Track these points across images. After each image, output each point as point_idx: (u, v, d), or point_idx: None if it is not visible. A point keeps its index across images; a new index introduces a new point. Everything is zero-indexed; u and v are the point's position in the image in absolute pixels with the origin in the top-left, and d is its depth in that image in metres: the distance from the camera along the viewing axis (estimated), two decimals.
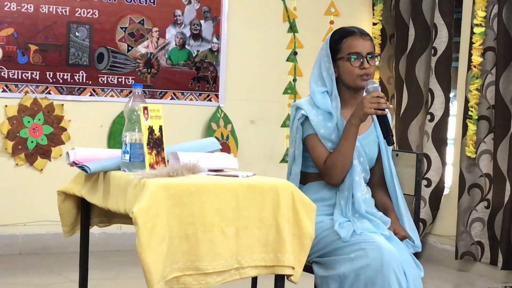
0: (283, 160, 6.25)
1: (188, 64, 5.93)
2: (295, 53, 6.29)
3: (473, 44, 5.46)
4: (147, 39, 5.79)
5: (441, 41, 5.77)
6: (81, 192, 3.08)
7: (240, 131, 6.10)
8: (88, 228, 3.23)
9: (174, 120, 5.75)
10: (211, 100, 6.01)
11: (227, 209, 2.71)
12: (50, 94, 5.50)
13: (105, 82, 5.66)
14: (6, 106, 5.39)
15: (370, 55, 3.23)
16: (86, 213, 3.20)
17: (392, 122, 4.25)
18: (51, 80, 5.50)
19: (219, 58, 6.02)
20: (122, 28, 5.71)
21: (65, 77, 5.55)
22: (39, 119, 5.47)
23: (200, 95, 5.97)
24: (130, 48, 5.74)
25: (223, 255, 2.70)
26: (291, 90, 6.29)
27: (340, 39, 3.25)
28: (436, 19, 5.79)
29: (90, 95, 5.63)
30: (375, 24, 6.38)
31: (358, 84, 3.23)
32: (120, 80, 5.71)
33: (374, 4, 6.41)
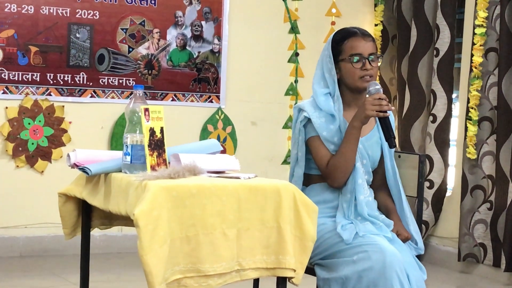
0: (284, 162, 6.24)
1: (189, 66, 5.92)
2: (297, 54, 6.28)
3: (474, 45, 5.45)
4: (148, 40, 5.78)
5: (443, 42, 5.75)
6: (82, 194, 3.08)
7: (241, 132, 6.09)
8: (89, 230, 3.22)
9: (175, 121, 5.74)
10: (212, 102, 6.00)
11: (229, 211, 2.71)
12: (51, 95, 5.49)
13: (105, 83, 5.65)
14: (7, 108, 5.38)
15: (372, 56, 3.21)
16: (87, 215, 3.19)
17: (394, 124, 4.24)
18: (51, 82, 5.49)
19: (220, 59, 6.01)
20: (123, 29, 5.70)
21: (65, 78, 5.54)
22: (40, 121, 5.46)
23: (201, 96, 5.96)
24: (131, 49, 5.73)
25: (224, 257, 2.69)
26: (292, 91, 6.28)
27: (342, 40, 3.24)
28: (438, 20, 5.77)
29: (91, 97, 5.62)
30: (377, 25, 6.37)
31: (359, 85, 3.21)
32: (121, 81, 5.70)
33: (376, 5, 6.40)
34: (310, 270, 3.12)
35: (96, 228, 3.27)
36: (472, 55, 5.46)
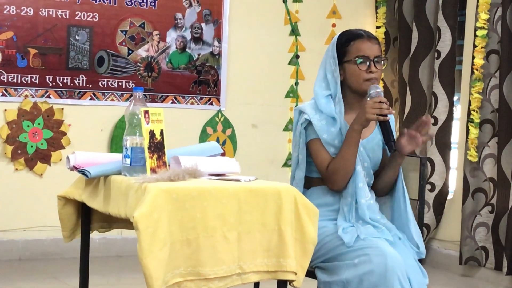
0: (285, 164, 6.22)
1: (189, 68, 5.90)
2: (297, 56, 6.26)
3: (475, 47, 5.44)
4: (148, 42, 5.76)
5: (444, 44, 5.74)
6: (81, 197, 3.07)
7: (241, 135, 6.08)
8: (89, 233, 3.21)
9: (175, 124, 5.73)
10: (212, 104, 5.98)
11: (229, 213, 2.70)
12: (50, 98, 5.48)
13: (105, 86, 5.64)
14: (6, 111, 5.37)
15: (377, 58, 3.20)
16: (86, 218, 3.18)
17: (395, 126, 4.23)
18: (51, 84, 5.48)
19: (220, 62, 6.00)
20: (122, 31, 5.68)
21: (65, 81, 5.52)
22: (39, 124, 5.44)
23: (201, 99, 5.95)
24: (130, 51, 5.71)
25: (225, 260, 2.68)
26: (293, 93, 6.26)
27: (347, 41, 3.22)
28: (439, 22, 5.76)
29: (90, 99, 5.61)
30: (378, 27, 6.36)
31: (364, 88, 3.19)
32: (120, 84, 5.68)
33: (377, 7, 6.39)
34: (311, 273, 3.11)
35: (96, 231, 3.26)
36: (473, 57, 5.46)
